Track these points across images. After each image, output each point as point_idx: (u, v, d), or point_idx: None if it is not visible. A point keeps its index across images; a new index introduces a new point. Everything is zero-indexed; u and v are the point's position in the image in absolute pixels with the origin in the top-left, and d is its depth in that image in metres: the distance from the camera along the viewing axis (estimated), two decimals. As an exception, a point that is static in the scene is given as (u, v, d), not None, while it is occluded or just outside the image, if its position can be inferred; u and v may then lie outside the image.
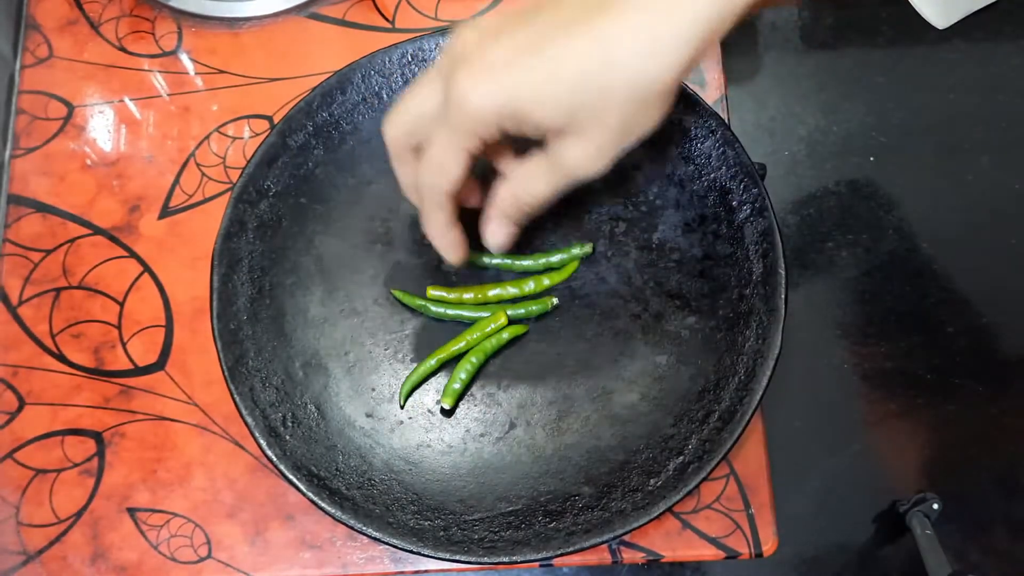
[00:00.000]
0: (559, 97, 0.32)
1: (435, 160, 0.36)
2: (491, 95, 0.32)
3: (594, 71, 0.32)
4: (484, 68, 0.32)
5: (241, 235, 0.45)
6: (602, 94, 0.32)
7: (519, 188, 0.38)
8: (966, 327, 1.12)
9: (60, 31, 0.54)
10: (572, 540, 0.39)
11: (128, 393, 0.48)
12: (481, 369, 0.44)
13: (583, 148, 0.34)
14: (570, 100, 0.32)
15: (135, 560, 0.45)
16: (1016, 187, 1.18)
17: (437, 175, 0.36)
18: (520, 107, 0.33)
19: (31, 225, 0.51)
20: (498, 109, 0.33)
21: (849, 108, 1.21)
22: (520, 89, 0.32)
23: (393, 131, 0.38)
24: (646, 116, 0.33)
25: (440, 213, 0.39)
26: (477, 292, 0.45)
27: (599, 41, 0.31)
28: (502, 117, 0.33)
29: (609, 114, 0.33)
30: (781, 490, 0.48)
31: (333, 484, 0.41)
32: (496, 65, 0.32)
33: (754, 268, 0.44)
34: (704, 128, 0.45)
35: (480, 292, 0.45)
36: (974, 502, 1.07)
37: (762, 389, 0.41)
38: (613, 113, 0.33)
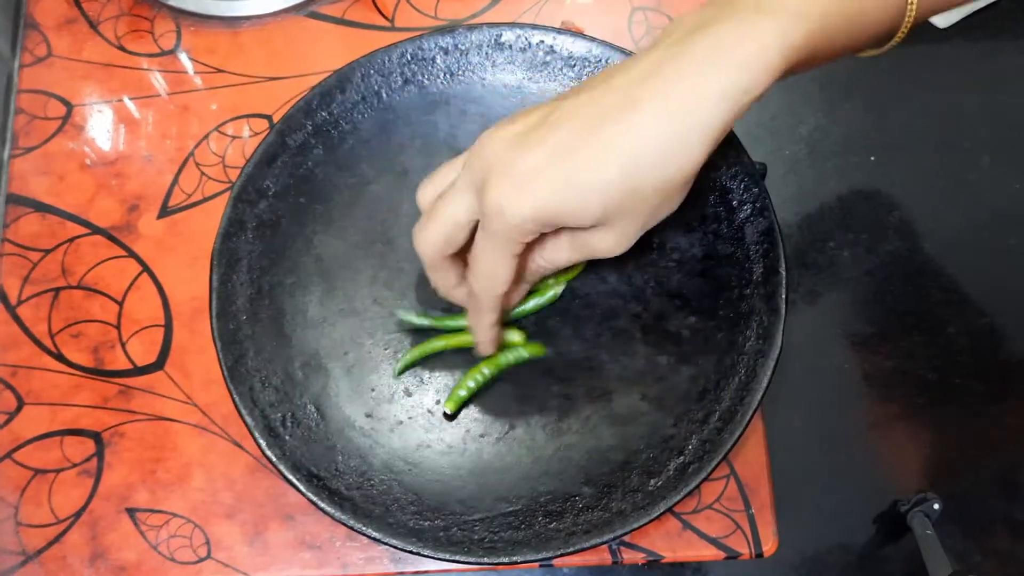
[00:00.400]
0: (591, 204, 0.34)
1: (486, 270, 0.38)
2: (527, 207, 0.34)
3: (622, 177, 0.33)
4: (516, 180, 0.34)
5: (240, 235, 0.45)
6: (631, 195, 0.34)
7: (544, 261, 0.40)
8: (967, 327, 1.12)
9: (59, 30, 0.54)
10: (572, 540, 0.39)
11: (127, 393, 0.48)
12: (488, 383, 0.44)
13: (611, 238, 0.36)
14: (602, 205, 0.34)
15: (134, 560, 0.45)
16: (1016, 187, 1.18)
17: (490, 282, 0.38)
18: (555, 214, 0.34)
19: (30, 225, 0.51)
20: (535, 218, 0.34)
21: (849, 108, 1.21)
22: (554, 199, 0.34)
23: (427, 246, 0.39)
24: (671, 204, 0.36)
25: (492, 315, 0.40)
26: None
27: (624, 149, 0.33)
28: (539, 224, 0.35)
29: (637, 210, 0.35)
30: (781, 490, 0.48)
31: (333, 484, 0.41)
32: (527, 176, 0.34)
33: (754, 268, 0.44)
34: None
35: None
36: (975, 502, 1.07)
37: (762, 389, 0.41)
38: (640, 209, 0.35)
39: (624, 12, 0.55)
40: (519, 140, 0.34)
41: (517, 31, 0.47)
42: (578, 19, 0.55)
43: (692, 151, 0.33)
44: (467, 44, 0.47)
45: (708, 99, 0.32)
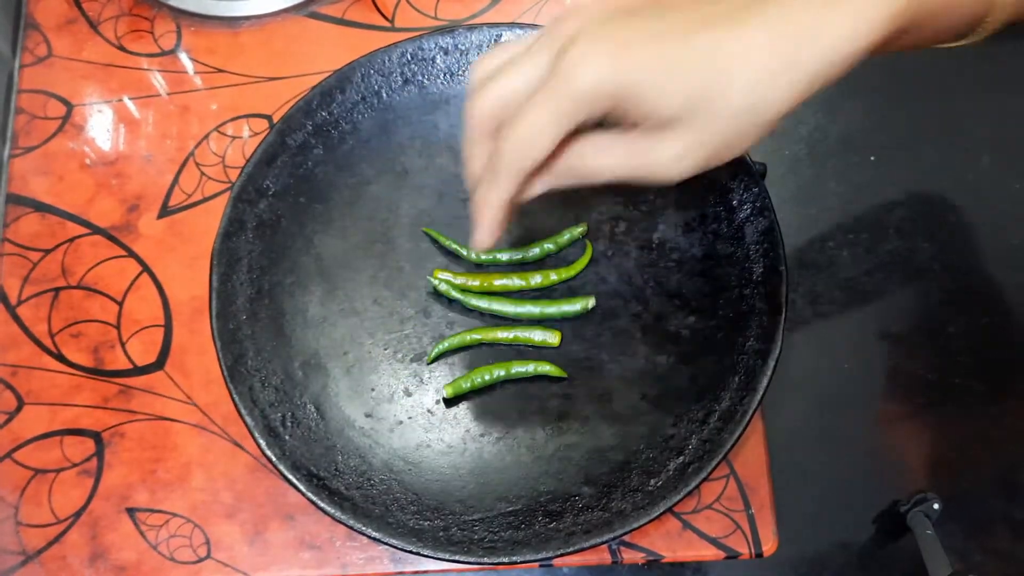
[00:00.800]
0: (680, 87, 0.31)
1: (527, 132, 0.32)
2: (608, 69, 0.30)
3: (722, 73, 0.31)
4: (609, 44, 0.31)
5: (240, 234, 0.45)
6: (721, 101, 0.31)
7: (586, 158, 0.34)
8: (967, 327, 1.12)
9: (59, 30, 0.54)
10: (572, 540, 0.39)
11: (127, 393, 0.48)
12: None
13: (676, 148, 0.32)
14: (687, 96, 0.31)
15: (134, 560, 0.45)
16: (1016, 187, 1.18)
17: (524, 147, 0.33)
18: (633, 90, 0.31)
19: (30, 225, 0.51)
20: (613, 83, 0.31)
21: (850, 107, 1.20)
22: (643, 71, 0.31)
23: (480, 108, 0.34)
24: (744, 139, 0.32)
25: (508, 189, 0.34)
26: (483, 280, 0.45)
27: (727, 49, 0.31)
28: (614, 99, 0.31)
29: (719, 122, 0.32)
30: (781, 490, 0.48)
31: (332, 484, 0.41)
32: (622, 43, 0.31)
33: (754, 268, 0.44)
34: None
35: (486, 280, 0.45)
36: (975, 502, 1.07)
37: (762, 389, 0.41)
38: (722, 123, 0.32)
39: (624, 12, 0.55)
40: (622, 13, 0.32)
41: (517, 31, 0.47)
42: (578, 19, 0.55)
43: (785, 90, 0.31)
44: (467, 44, 0.47)
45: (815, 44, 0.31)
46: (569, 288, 0.46)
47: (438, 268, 0.45)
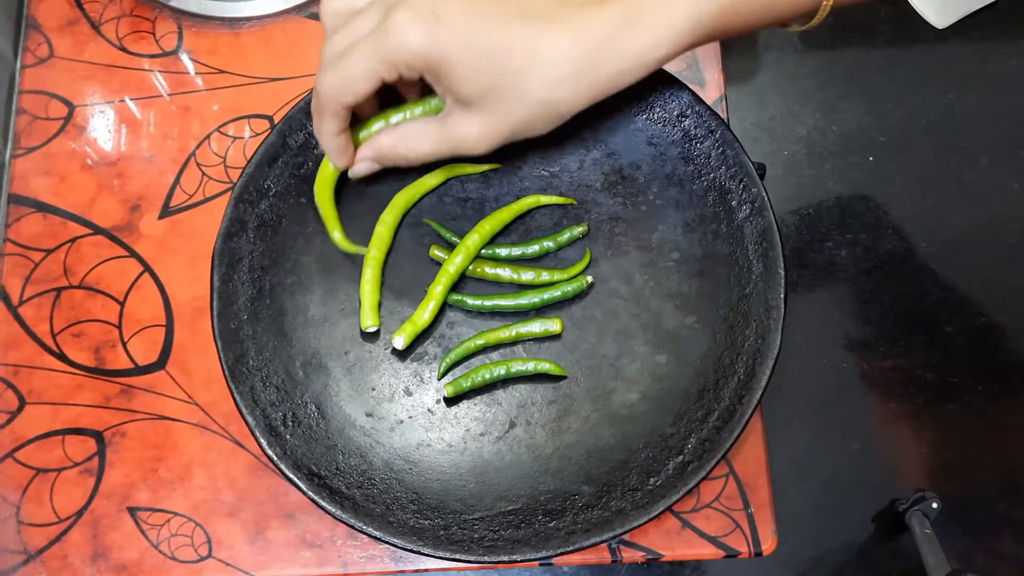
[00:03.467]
0: (482, 76, 0.35)
1: (346, 71, 0.36)
2: (425, 41, 0.34)
3: (519, 71, 0.35)
4: (430, 13, 0.34)
5: (241, 234, 0.45)
6: (517, 90, 0.35)
7: (404, 143, 0.40)
8: (965, 327, 1.12)
9: (60, 31, 0.54)
10: (572, 539, 0.39)
11: (129, 392, 0.48)
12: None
13: (478, 127, 0.37)
14: (489, 82, 0.35)
15: (135, 559, 0.45)
16: (1014, 187, 1.18)
17: (343, 86, 0.37)
18: (445, 65, 0.35)
19: (32, 225, 0.51)
20: (424, 57, 0.35)
21: (848, 108, 1.21)
22: (452, 50, 0.34)
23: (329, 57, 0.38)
24: (541, 124, 0.37)
25: (334, 121, 0.39)
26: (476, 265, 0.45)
27: (534, 49, 0.34)
28: (425, 65, 0.35)
29: (514, 109, 0.36)
30: (780, 489, 0.48)
31: (333, 483, 0.41)
32: (441, 17, 0.34)
33: (753, 268, 0.44)
34: (703, 128, 0.45)
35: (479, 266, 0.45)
36: (973, 501, 1.07)
37: (761, 388, 0.41)
38: (518, 110, 0.36)
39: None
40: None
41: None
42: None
43: (580, 87, 0.35)
44: (467, 45, 0.47)
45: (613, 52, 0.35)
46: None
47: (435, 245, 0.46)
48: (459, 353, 0.44)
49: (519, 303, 0.45)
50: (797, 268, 1.14)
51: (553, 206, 0.47)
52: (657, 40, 0.35)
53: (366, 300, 0.45)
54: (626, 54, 0.35)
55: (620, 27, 0.34)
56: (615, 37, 0.34)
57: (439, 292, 0.45)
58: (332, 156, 0.41)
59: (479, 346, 0.44)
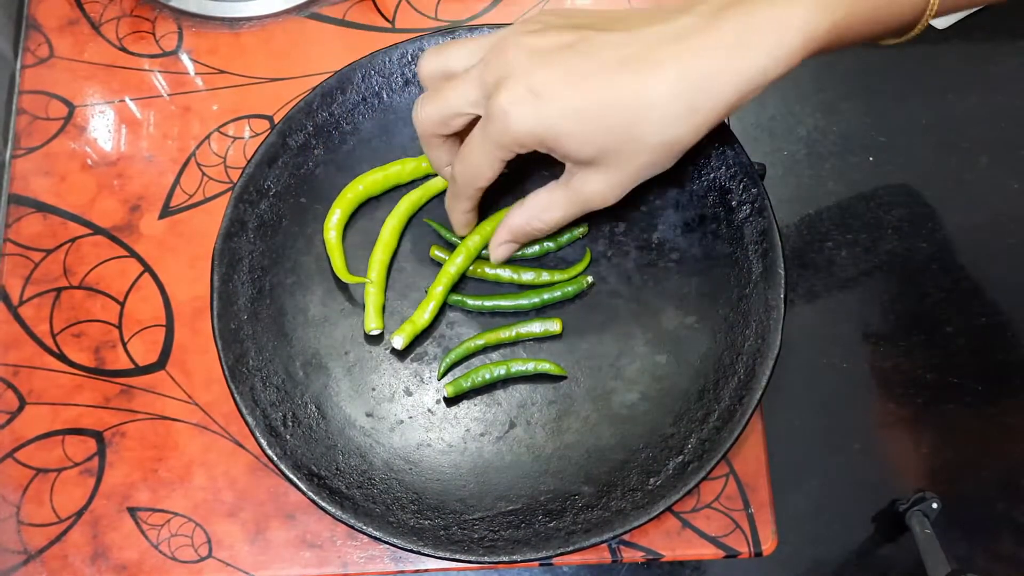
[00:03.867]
0: (593, 137, 0.35)
1: (471, 162, 0.38)
2: (530, 121, 0.35)
3: (630, 122, 0.34)
4: (528, 93, 0.34)
5: (242, 235, 0.45)
6: (633, 142, 0.35)
7: (534, 216, 0.41)
8: (966, 327, 1.12)
9: (61, 31, 0.54)
10: (572, 539, 0.39)
11: (129, 392, 0.48)
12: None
13: (603, 182, 0.37)
14: (603, 141, 0.35)
15: (135, 559, 0.45)
16: (1014, 187, 1.18)
17: (472, 175, 0.39)
18: (555, 138, 0.35)
19: (32, 225, 0.51)
20: (535, 133, 0.35)
21: (848, 108, 1.21)
22: (558, 122, 0.35)
23: (423, 122, 0.40)
24: (664, 163, 0.37)
25: (468, 203, 0.42)
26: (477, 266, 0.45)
27: (641, 95, 0.34)
28: (537, 142, 0.36)
29: (634, 158, 0.36)
30: (781, 489, 0.48)
31: (333, 483, 0.41)
32: (540, 92, 0.34)
33: (753, 268, 0.44)
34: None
35: (479, 267, 0.45)
36: (973, 501, 1.07)
37: (762, 388, 0.41)
38: (638, 158, 0.36)
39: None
40: (544, 55, 0.35)
41: (517, 32, 0.47)
42: (578, 20, 0.55)
43: (697, 120, 0.34)
44: (467, 45, 0.47)
45: (727, 78, 0.33)
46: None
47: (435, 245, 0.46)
48: (459, 353, 0.44)
49: (519, 303, 0.45)
50: (797, 268, 1.14)
51: None
52: (771, 62, 0.33)
53: (370, 303, 0.45)
54: (740, 79, 0.33)
55: (730, 54, 0.33)
56: (725, 65, 0.33)
57: (439, 293, 0.45)
58: (461, 229, 0.45)
59: (479, 346, 0.44)
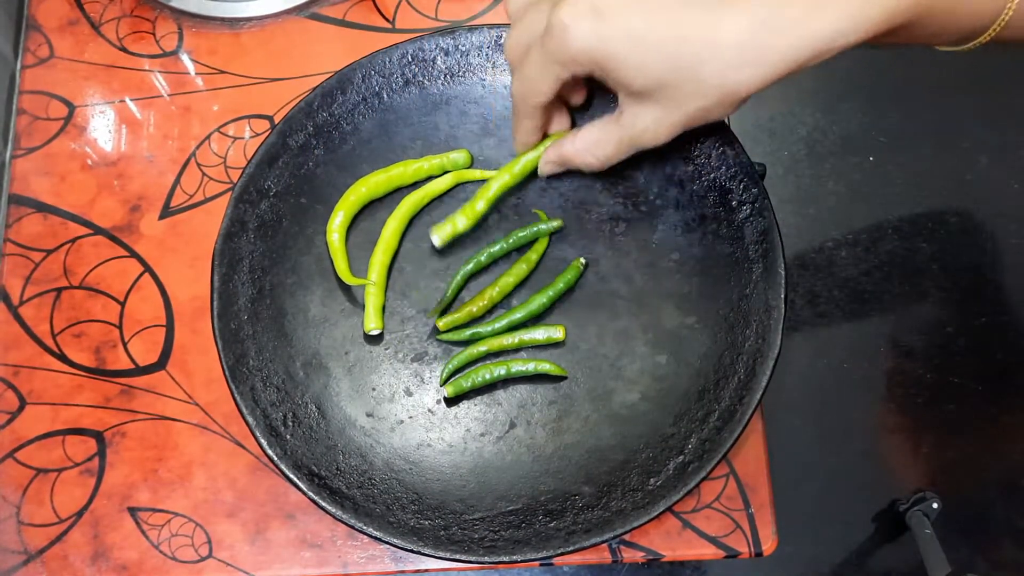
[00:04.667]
0: (653, 67, 0.33)
1: (528, 78, 0.38)
2: (589, 39, 0.33)
3: (694, 59, 0.33)
4: (590, 8, 0.33)
5: (242, 235, 0.45)
6: (693, 81, 0.34)
7: (586, 145, 0.40)
8: (965, 327, 1.12)
9: (61, 31, 0.54)
10: (572, 539, 0.39)
11: (129, 393, 0.48)
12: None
13: (655, 119, 0.36)
14: (662, 73, 0.34)
15: (136, 559, 0.45)
16: (1016, 187, 1.18)
17: (530, 91, 0.38)
18: (612, 61, 0.34)
19: (32, 225, 0.51)
20: (591, 54, 0.34)
21: (848, 108, 1.21)
22: (617, 44, 0.33)
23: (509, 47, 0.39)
24: (719, 111, 0.35)
25: (529, 121, 0.41)
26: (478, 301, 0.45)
27: (710, 33, 0.32)
28: (593, 62, 0.34)
29: (691, 99, 0.35)
30: (781, 489, 0.48)
31: (333, 483, 0.41)
32: (603, 10, 0.33)
33: (754, 268, 0.44)
34: (704, 128, 0.45)
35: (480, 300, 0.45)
36: (973, 501, 1.07)
37: (762, 388, 0.41)
38: (695, 98, 0.34)
39: (624, 13, 0.55)
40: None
41: (517, 32, 0.47)
42: (578, 20, 0.55)
43: (763, 71, 0.33)
44: (467, 45, 0.47)
45: (801, 33, 0.32)
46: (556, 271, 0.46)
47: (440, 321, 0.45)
48: (461, 360, 0.44)
49: (530, 309, 0.45)
50: (797, 268, 1.14)
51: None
52: (849, 25, 0.32)
53: (370, 303, 0.45)
54: (813, 38, 0.32)
55: (809, 10, 0.32)
56: (803, 20, 0.32)
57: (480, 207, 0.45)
58: (520, 147, 0.44)
59: (481, 352, 0.44)
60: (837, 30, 0.32)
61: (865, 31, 0.32)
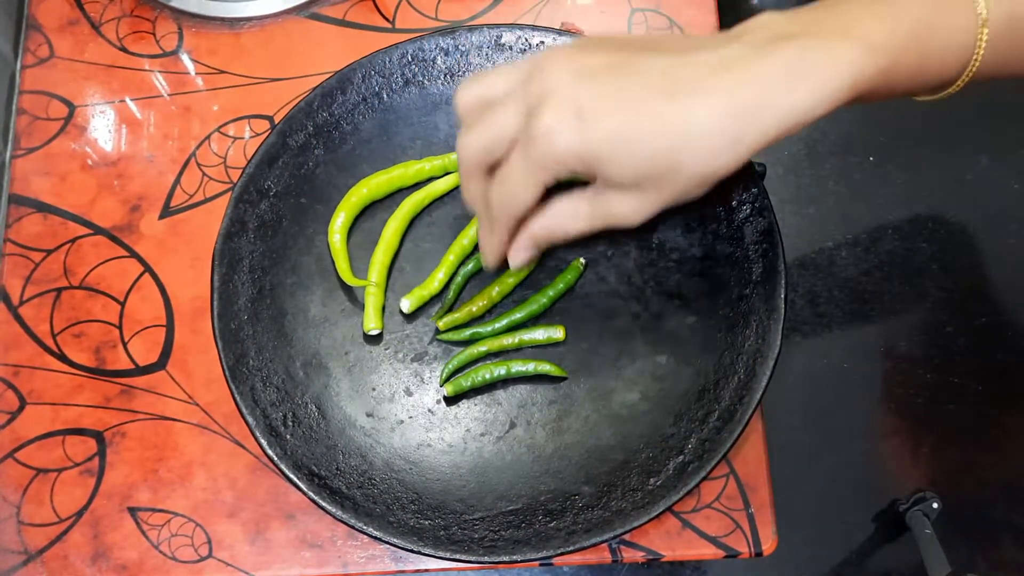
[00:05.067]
0: (636, 163, 0.34)
1: (510, 187, 0.37)
2: (577, 141, 0.34)
3: (670, 151, 0.33)
4: (572, 113, 0.33)
5: (242, 235, 0.45)
6: (671, 170, 0.34)
7: (557, 223, 0.39)
8: (965, 327, 1.12)
9: (61, 31, 0.54)
10: (572, 539, 0.39)
11: (129, 393, 0.48)
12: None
13: (634, 204, 0.36)
14: (645, 168, 0.34)
15: (136, 559, 0.45)
16: (1016, 187, 1.18)
17: (511, 201, 0.37)
18: (597, 161, 0.34)
19: (32, 225, 0.51)
20: (580, 154, 0.34)
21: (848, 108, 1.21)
22: (603, 145, 0.34)
23: (469, 152, 0.38)
24: (698, 190, 0.36)
25: (504, 233, 0.40)
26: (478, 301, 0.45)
27: (686, 125, 0.33)
28: (579, 164, 0.35)
29: (670, 186, 0.35)
30: (781, 489, 0.48)
31: (333, 483, 0.41)
32: (584, 114, 0.33)
33: (754, 268, 0.44)
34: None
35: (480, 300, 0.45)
36: (973, 501, 1.07)
37: (762, 388, 0.41)
38: (674, 186, 0.35)
39: (624, 13, 0.55)
40: (589, 74, 0.34)
41: (517, 32, 0.47)
42: (578, 20, 0.55)
43: (738, 152, 0.34)
44: (467, 45, 0.47)
45: (772, 112, 0.33)
46: (557, 271, 0.46)
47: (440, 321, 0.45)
48: (461, 360, 0.44)
49: (530, 309, 0.45)
50: (797, 268, 1.14)
51: None
52: (819, 97, 0.33)
53: (370, 303, 0.45)
54: (785, 113, 0.33)
55: (777, 88, 0.33)
56: (771, 99, 0.33)
57: (451, 261, 0.45)
58: (492, 262, 0.41)
59: (481, 353, 0.44)
60: (809, 105, 0.33)
61: (835, 101, 0.33)
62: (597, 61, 0.34)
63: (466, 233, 0.45)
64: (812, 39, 0.33)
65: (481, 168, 0.38)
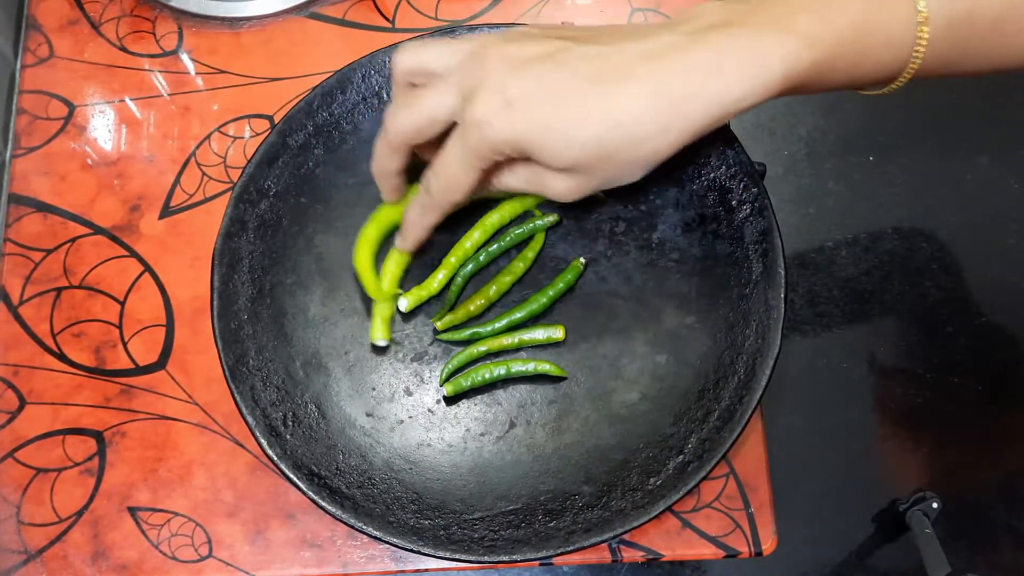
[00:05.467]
0: (567, 151, 0.35)
1: (450, 175, 0.38)
2: (508, 131, 0.35)
3: (600, 140, 0.34)
4: (504, 103, 0.34)
5: (242, 234, 0.45)
6: (601, 157, 0.35)
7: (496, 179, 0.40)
8: (965, 327, 1.12)
9: (61, 31, 0.54)
10: (572, 539, 0.39)
11: (129, 392, 0.48)
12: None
13: (569, 184, 0.37)
14: (575, 155, 0.35)
15: (136, 559, 0.45)
16: (1015, 187, 1.18)
17: (450, 188, 0.39)
18: (530, 147, 0.35)
19: (32, 224, 0.51)
20: (512, 143, 0.35)
21: (848, 108, 1.21)
22: (535, 133, 0.35)
23: (397, 128, 0.39)
24: (632, 176, 0.37)
25: (439, 217, 0.41)
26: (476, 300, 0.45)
27: (612, 114, 0.34)
28: (514, 150, 0.36)
29: (601, 171, 0.36)
30: (781, 489, 0.48)
31: (333, 483, 0.41)
32: (518, 103, 0.34)
33: (753, 267, 0.44)
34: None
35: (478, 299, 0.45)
36: (973, 501, 1.07)
37: (762, 388, 0.41)
38: (604, 171, 0.36)
39: (624, 13, 0.55)
40: (522, 65, 0.35)
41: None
42: (578, 20, 0.55)
43: (668, 140, 0.34)
44: (467, 45, 0.47)
45: (700, 100, 0.33)
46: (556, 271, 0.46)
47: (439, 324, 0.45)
48: (461, 359, 0.44)
49: (530, 309, 0.45)
50: (797, 268, 1.14)
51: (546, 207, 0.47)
52: (747, 90, 0.33)
53: (379, 314, 0.44)
54: (713, 104, 0.33)
55: (706, 78, 0.33)
56: (700, 88, 0.33)
57: (452, 263, 0.45)
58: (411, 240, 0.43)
59: (481, 352, 0.44)
60: (738, 94, 0.33)
61: (767, 91, 0.33)
62: (532, 51, 0.35)
63: (469, 236, 0.45)
64: (745, 28, 0.33)
65: (407, 145, 0.39)
